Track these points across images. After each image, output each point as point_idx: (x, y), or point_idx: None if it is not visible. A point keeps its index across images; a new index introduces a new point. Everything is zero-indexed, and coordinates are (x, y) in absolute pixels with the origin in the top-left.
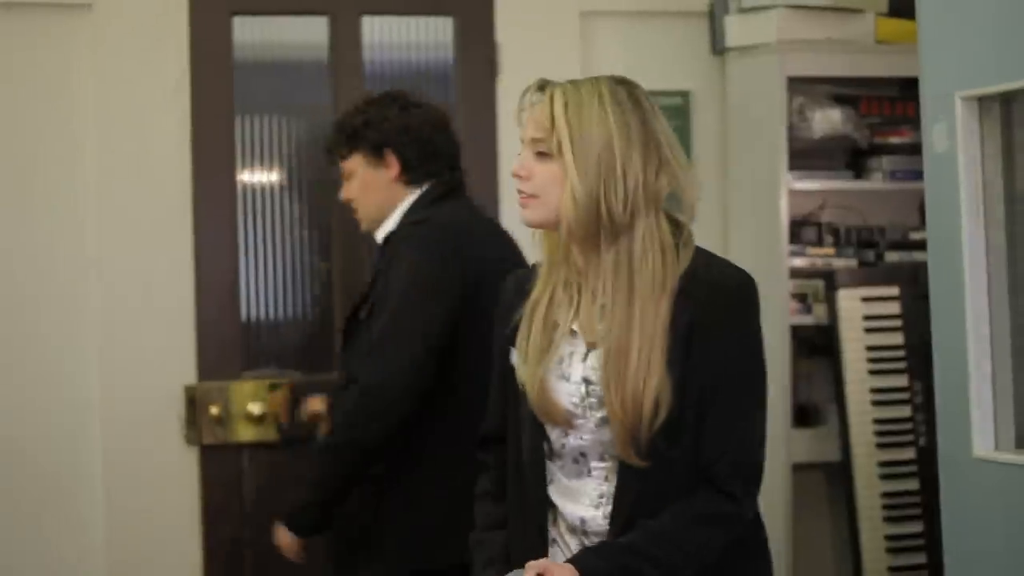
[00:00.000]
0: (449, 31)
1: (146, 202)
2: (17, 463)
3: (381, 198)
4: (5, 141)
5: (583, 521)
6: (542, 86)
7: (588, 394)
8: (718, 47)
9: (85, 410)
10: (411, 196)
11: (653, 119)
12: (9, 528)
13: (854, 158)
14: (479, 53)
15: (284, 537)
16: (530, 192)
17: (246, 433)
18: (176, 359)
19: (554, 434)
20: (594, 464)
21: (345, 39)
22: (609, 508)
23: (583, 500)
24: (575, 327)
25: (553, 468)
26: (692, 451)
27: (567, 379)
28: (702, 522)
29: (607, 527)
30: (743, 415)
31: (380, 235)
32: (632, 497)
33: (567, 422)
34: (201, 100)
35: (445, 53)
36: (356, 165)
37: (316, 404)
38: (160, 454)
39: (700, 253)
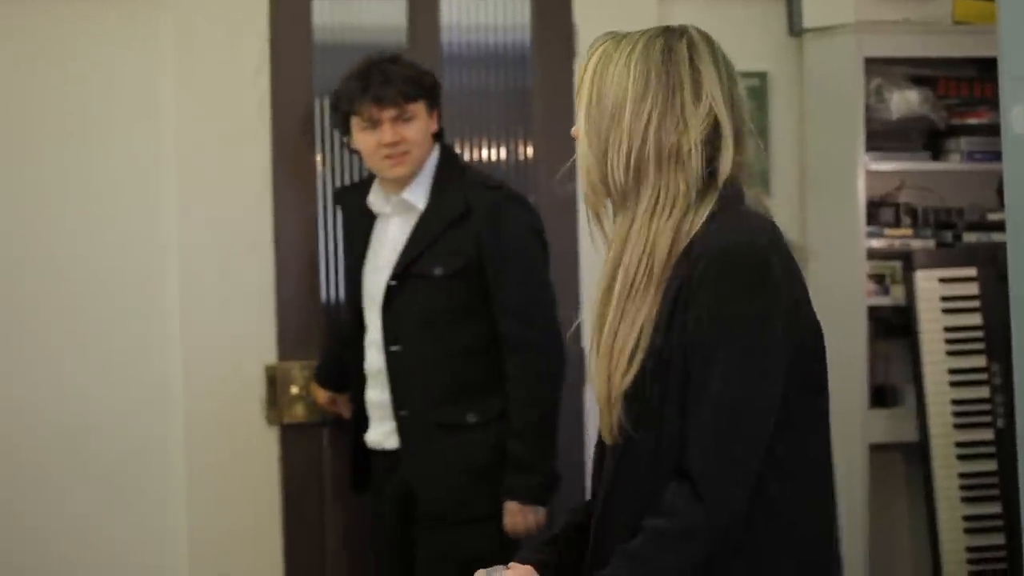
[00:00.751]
0: (527, 12)
1: (227, 184)
2: (101, 443)
3: (429, 147)
4: (87, 125)
5: None
6: (597, 40)
7: None
8: (795, 28)
9: (167, 390)
10: (434, 155)
11: (683, 71)
12: (93, 508)
13: (932, 139)
14: (557, 34)
15: (530, 516)
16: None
17: (328, 412)
18: (257, 339)
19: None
20: None
21: (423, 21)
22: None
23: None
24: None
25: None
26: (670, 443)
27: None
28: (676, 537)
29: None
30: (709, 395)
31: (418, 192)
32: (608, 477)
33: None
34: (281, 83)
35: (522, 35)
36: (419, 111)
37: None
38: (241, 434)
39: (716, 217)
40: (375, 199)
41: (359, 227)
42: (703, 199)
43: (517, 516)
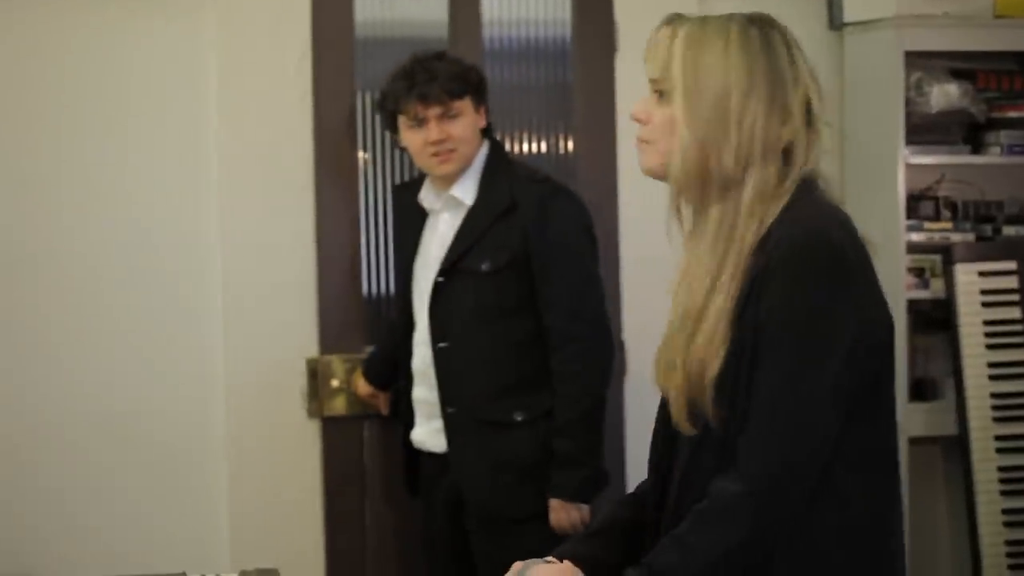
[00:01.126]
0: (568, 7)
1: (269, 178)
2: (143, 435)
3: (477, 143)
4: (130, 121)
5: None
6: (671, 20)
7: None
8: (836, 22)
9: (209, 383)
10: (482, 150)
11: (784, 64)
12: (135, 500)
13: (971, 132)
14: (597, 29)
15: (574, 512)
16: (645, 137)
17: (367, 406)
18: (299, 332)
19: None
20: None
21: (465, 16)
22: None
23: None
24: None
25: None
26: (737, 432)
27: None
28: (716, 519)
29: None
30: (771, 381)
31: (466, 188)
32: (683, 467)
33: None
34: (323, 78)
35: (563, 30)
36: (466, 108)
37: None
38: (283, 426)
39: (791, 207)
40: (426, 196)
41: (411, 224)
42: (781, 190)
43: (561, 513)
